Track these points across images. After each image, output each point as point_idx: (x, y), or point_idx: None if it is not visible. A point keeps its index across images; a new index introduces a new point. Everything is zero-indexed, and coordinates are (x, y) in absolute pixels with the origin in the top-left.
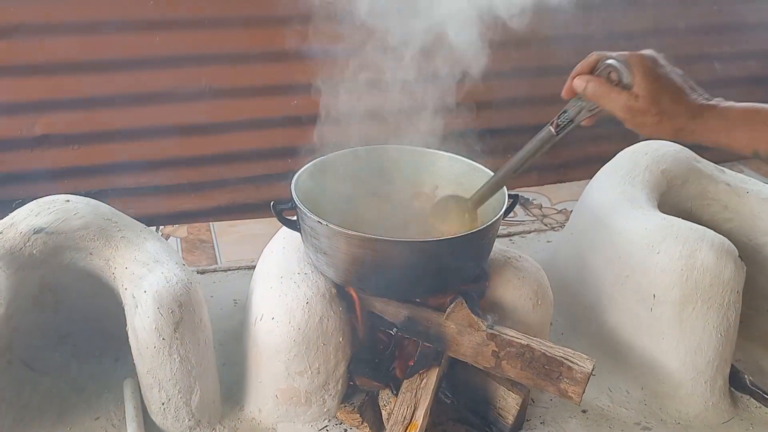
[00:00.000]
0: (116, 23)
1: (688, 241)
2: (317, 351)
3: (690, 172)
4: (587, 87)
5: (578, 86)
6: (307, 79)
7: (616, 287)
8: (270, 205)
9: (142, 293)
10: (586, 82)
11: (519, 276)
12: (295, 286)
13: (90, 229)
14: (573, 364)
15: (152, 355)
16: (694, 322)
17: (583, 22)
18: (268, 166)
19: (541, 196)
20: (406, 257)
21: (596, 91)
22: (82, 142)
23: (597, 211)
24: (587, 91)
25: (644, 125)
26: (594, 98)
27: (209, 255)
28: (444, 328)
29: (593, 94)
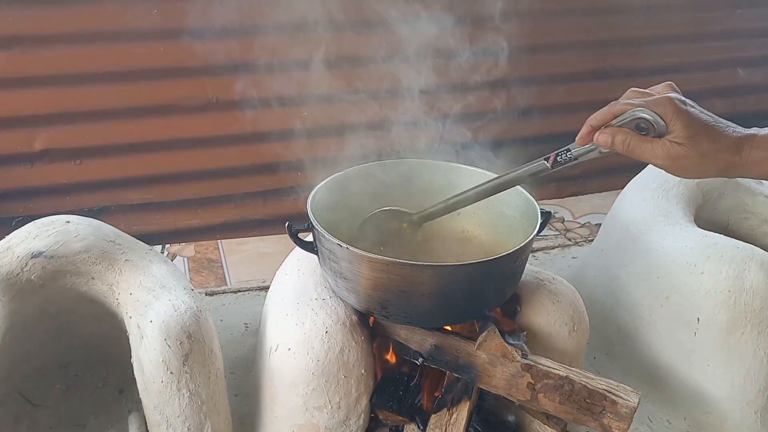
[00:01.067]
0: (119, 33)
1: (735, 261)
2: (338, 384)
3: (726, 184)
4: (615, 140)
5: (603, 141)
6: (318, 90)
7: (654, 309)
8: (280, 220)
9: (148, 323)
10: (612, 137)
11: (554, 300)
12: (313, 313)
13: (92, 252)
14: (617, 398)
15: (159, 390)
16: (743, 348)
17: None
18: (277, 180)
19: (563, 209)
20: (435, 282)
21: (627, 144)
22: (84, 157)
23: (629, 226)
24: (615, 145)
25: (686, 169)
26: (623, 151)
27: (218, 275)
28: (474, 358)
29: (624, 146)
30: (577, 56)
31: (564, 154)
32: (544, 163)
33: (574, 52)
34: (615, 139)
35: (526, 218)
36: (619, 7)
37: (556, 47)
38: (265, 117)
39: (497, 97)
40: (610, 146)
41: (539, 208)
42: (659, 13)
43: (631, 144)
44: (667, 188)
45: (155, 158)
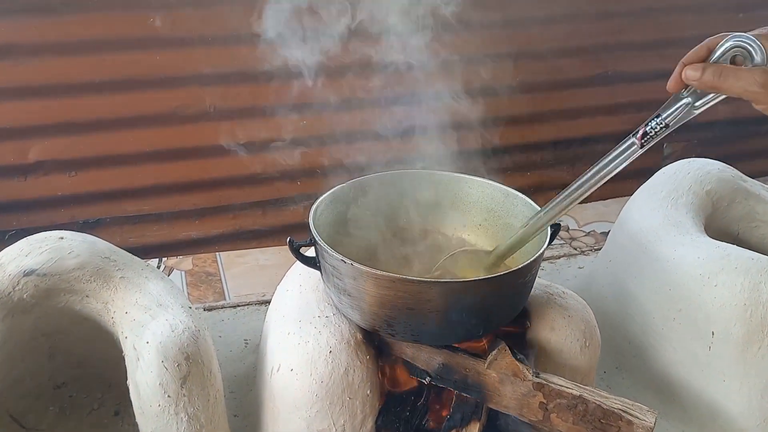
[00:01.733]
0: (114, 42)
1: (750, 273)
2: (342, 406)
3: (737, 192)
4: (704, 74)
5: (691, 76)
6: (317, 98)
7: (666, 322)
8: (279, 231)
9: (144, 344)
10: (701, 70)
11: (564, 315)
12: (316, 332)
13: (86, 269)
14: (633, 418)
15: (156, 414)
16: (760, 363)
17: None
18: (276, 190)
19: (567, 217)
20: (442, 299)
21: (719, 74)
22: (79, 169)
23: (638, 237)
24: (704, 79)
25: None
26: (714, 84)
27: (216, 289)
28: (484, 377)
29: (714, 79)
30: (579, 61)
31: (653, 121)
32: (634, 141)
33: (577, 58)
34: (705, 71)
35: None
36: (620, 11)
37: (558, 52)
38: (263, 126)
39: (500, 103)
40: (698, 80)
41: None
42: (661, 16)
43: (724, 74)
44: (676, 197)
45: (152, 169)
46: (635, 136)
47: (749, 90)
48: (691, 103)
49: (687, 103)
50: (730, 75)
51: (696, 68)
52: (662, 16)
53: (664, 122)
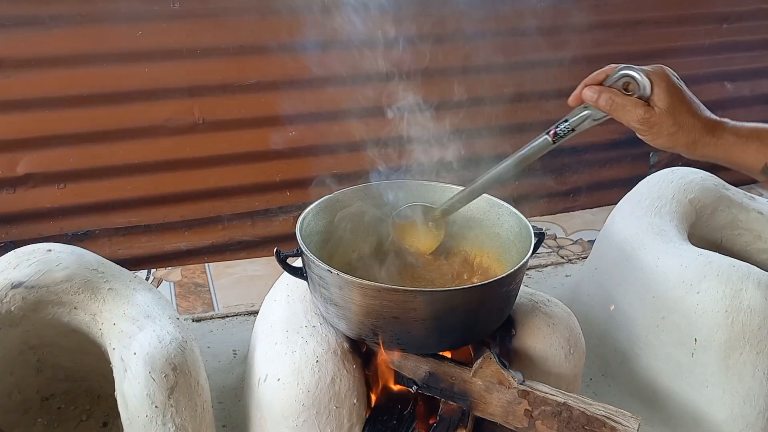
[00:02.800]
0: (103, 55)
1: (732, 280)
2: (329, 416)
3: (719, 200)
4: (600, 98)
5: (589, 97)
6: (306, 108)
7: (650, 329)
8: (268, 242)
9: (132, 355)
10: (598, 93)
11: (549, 323)
12: (303, 341)
13: (74, 281)
14: (616, 424)
15: (144, 424)
16: (742, 369)
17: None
18: (266, 200)
19: (554, 225)
20: (428, 308)
21: (611, 101)
22: (68, 181)
23: (623, 245)
24: (600, 102)
25: (659, 136)
26: (607, 108)
27: (205, 300)
28: (470, 385)
29: (607, 104)
30: (566, 72)
31: (562, 125)
32: (547, 138)
33: (564, 68)
34: (601, 95)
35: (520, 239)
36: (606, 22)
37: (545, 63)
38: (252, 136)
39: (488, 113)
40: (595, 102)
41: (532, 229)
42: (647, 28)
43: (615, 101)
44: (659, 206)
45: (141, 180)
46: (548, 134)
47: (631, 124)
48: (591, 115)
49: (588, 115)
50: (619, 107)
51: (594, 90)
52: (648, 28)
53: (570, 126)
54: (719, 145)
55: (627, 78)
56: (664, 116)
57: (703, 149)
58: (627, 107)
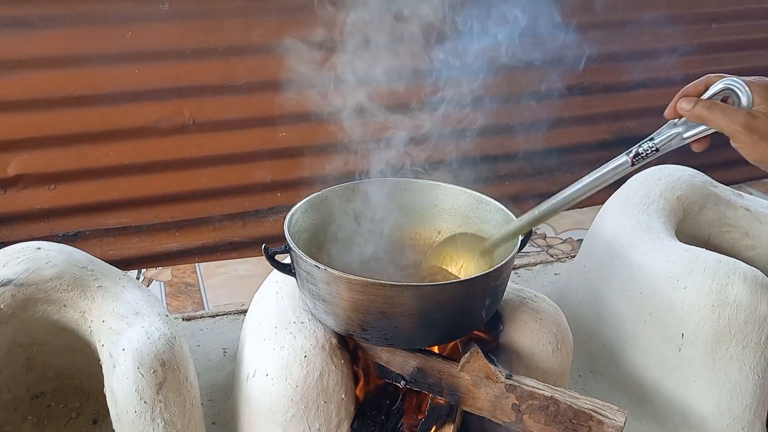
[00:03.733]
0: (93, 56)
1: (718, 275)
2: (317, 410)
3: (707, 197)
4: (695, 107)
5: (685, 107)
6: (295, 110)
7: (638, 325)
8: (259, 242)
9: (120, 351)
10: (693, 103)
11: (536, 318)
12: (291, 337)
13: (63, 279)
14: (603, 417)
15: (133, 420)
16: (729, 363)
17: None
18: (256, 201)
19: (544, 225)
20: (415, 303)
21: (707, 109)
22: (59, 182)
23: (611, 242)
24: (695, 111)
25: (759, 145)
26: (703, 117)
27: (195, 299)
28: (458, 380)
29: (702, 113)
30: (555, 73)
31: (646, 144)
32: (627, 160)
33: (552, 69)
34: (697, 104)
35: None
36: (595, 22)
37: (533, 64)
38: (243, 137)
39: (478, 114)
40: (690, 111)
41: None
42: (635, 27)
43: (713, 109)
44: (647, 203)
45: (131, 181)
46: (628, 155)
47: (731, 127)
48: (681, 132)
49: (677, 132)
50: (718, 111)
51: (690, 101)
52: (637, 28)
53: (655, 146)
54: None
55: (726, 92)
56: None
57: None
58: (725, 112)
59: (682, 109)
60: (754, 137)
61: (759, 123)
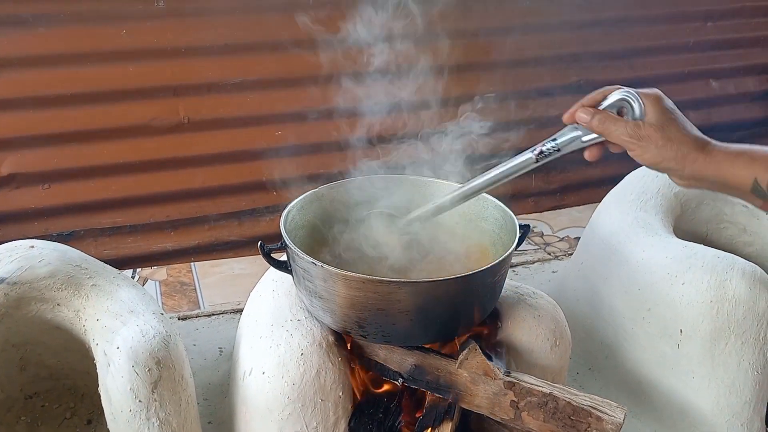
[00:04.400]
0: (87, 55)
1: (716, 270)
2: (314, 408)
3: (704, 194)
4: (593, 119)
5: (582, 118)
6: (292, 107)
7: (636, 322)
8: (255, 242)
9: (115, 350)
10: (591, 115)
11: (534, 315)
12: (288, 335)
13: (57, 277)
14: (603, 414)
15: (128, 419)
16: (728, 359)
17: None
18: (252, 200)
19: (541, 223)
20: (412, 300)
21: (603, 121)
22: (53, 181)
23: (608, 239)
24: (593, 123)
25: (647, 150)
26: (600, 128)
27: (191, 299)
28: (456, 377)
29: (599, 125)
30: (551, 71)
31: (549, 144)
32: (531, 156)
33: (549, 67)
34: (594, 117)
35: (505, 232)
36: (592, 21)
37: (531, 62)
38: (238, 136)
39: (475, 111)
40: (588, 123)
41: (518, 222)
42: (632, 26)
43: (606, 122)
44: (645, 199)
45: (126, 180)
46: (533, 152)
47: (621, 138)
48: (580, 136)
49: (577, 136)
50: (611, 124)
51: (587, 112)
52: (631, 26)
53: (557, 146)
54: (708, 161)
55: (622, 102)
56: (654, 130)
57: (693, 164)
58: (618, 124)
59: (580, 119)
60: (642, 144)
61: (644, 131)
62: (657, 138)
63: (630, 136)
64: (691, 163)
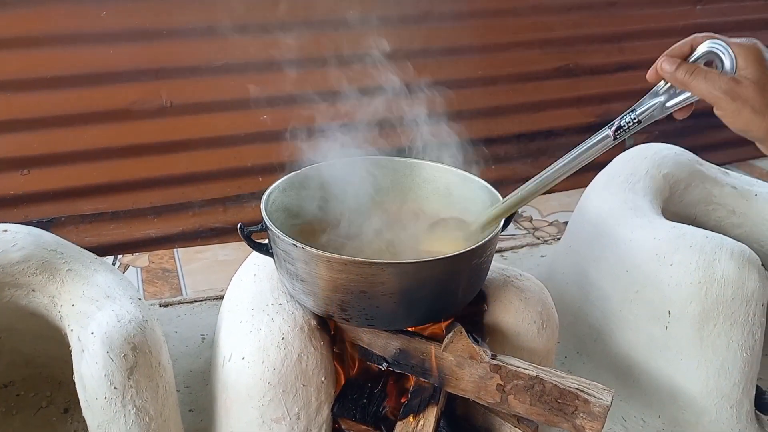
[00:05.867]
0: (66, 36)
1: (705, 251)
2: (296, 394)
3: (693, 175)
4: (677, 71)
5: (666, 69)
6: (277, 91)
7: (624, 304)
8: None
9: (89, 335)
10: (676, 65)
11: (521, 297)
12: (269, 319)
13: (31, 262)
14: (590, 397)
15: (103, 407)
16: (716, 341)
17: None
18: (237, 186)
19: (530, 207)
20: (396, 281)
21: (689, 74)
22: (32, 166)
23: (597, 221)
24: (677, 74)
25: (741, 113)
26: (684, 81)
27: (173, 285)
28: (441, 361)
29: (684, 78)
30: (540, 54)
31: (628, 116)
32: (609, 134)
33: (538, 50)
34: (680, 67)
35: None
36: (581, 4)
37: (520, 45)
38: (223, 121)
39: (462, 96)
40: (671, 74)
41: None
42: (621, 9)
43: (695, 73)
44: (633, 181)
45: (107, 166)
46: (610, 129)
47: (713, 93)
48: (663, 102)
49: (659, 102)
50: (700, 76)
51: (672, 62)
52: (622, 9)
53: (637, 118)
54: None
55: (710, 55)
56: (752, 89)
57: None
58: (708, 77)
59: (663, 71)
60: (737, 104)
61: (741, 89)
62: (755, 100)
63: (724, 93)
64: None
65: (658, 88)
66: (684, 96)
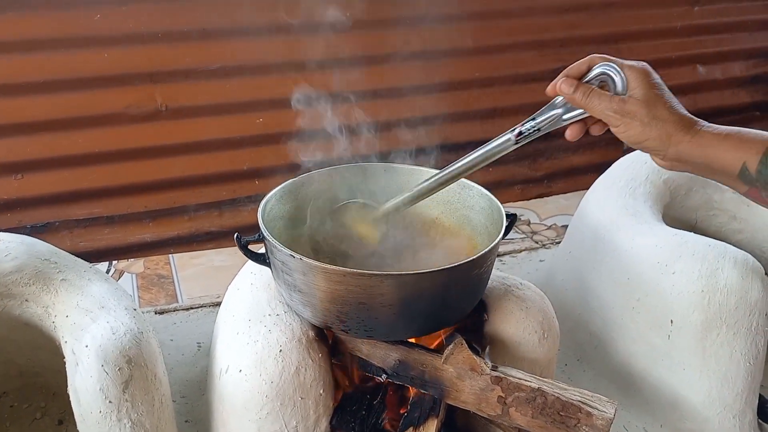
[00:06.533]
0: (60, 40)
1: (707, 259)
2: (294, 407)
3: (693, 180)
4: (576, 92)
5: (565, 90)
6: (273, 95)
7: (625, 312)
8: (234, 232)
9: (83, 348)
10: (573, 87)
11: (522, 307)
12: (266, 330)
13: (25, 272)
14: (593, 409)
15: (98, 420)
16: (719, 350)
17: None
18: (233, 190)
19: (528, 211)
20: (395, 292)
21: (585, 95)
22: (26, 171)
23: (597, 227)
24: (575, 96)
25: (632, 126)
26: (580, 102)
27: (169, 292)
28: (441, 373)
29: (581, 98)
30: (537, 56)
31: (528, 124)
32: (510, 138)
33: (534, 52)
34: (578, 90)
35: (492, 222)
36: (577, 5)
37: (516, 47)
38: (218, 124)
39: (457, 98)
40: (570, 96)
41: (504, 211)
42: (618, 10)
43: (591, 95)
44: (633, 186)
45: (102, 170)
46: (512, 133)
47: (605, 113)
48: (560, 114)
49: (558, 114)
50: (595, 98)
51: (570, 84)
52: (619, 10)
53: (537, 126)
54: (694, 142)
55: (604, 76)
56: (639, 106)
57: (677, 145)
58: (603, 98)
59: (562, 91)
60: (626, 120)
61: (629, 107)
62: (642, 115)
63: (614, 112)
64: (676, 144)
65: (557, 101)
66: (578, 111)
